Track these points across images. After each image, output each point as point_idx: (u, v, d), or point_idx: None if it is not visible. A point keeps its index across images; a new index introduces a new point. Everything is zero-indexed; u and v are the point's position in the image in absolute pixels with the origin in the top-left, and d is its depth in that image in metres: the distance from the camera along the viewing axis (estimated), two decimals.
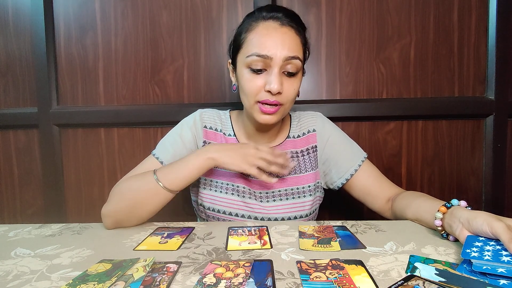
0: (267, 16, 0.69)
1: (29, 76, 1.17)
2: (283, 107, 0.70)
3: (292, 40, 0.68)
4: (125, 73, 1.16)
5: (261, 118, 0.70)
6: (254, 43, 0.67)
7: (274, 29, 0.67)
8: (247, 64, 0.68)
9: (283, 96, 0.68)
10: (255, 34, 0.68)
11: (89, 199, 1.20)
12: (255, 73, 0.68)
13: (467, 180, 1.14)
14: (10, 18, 1.17)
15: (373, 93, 1.12)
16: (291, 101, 0.72)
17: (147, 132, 1.16)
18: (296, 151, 0.81)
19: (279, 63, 0.66)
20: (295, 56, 0.67)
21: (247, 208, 0.76)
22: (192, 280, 0.44)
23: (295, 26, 0.69)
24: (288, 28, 0.68)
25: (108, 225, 0.68)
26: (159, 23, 1.13)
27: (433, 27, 1.10)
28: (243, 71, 0.70)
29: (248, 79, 0.69)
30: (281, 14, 0.69)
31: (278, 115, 0.71)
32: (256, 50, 0.66)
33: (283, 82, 0.68)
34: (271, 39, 0.66)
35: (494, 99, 1.09)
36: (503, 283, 0.40)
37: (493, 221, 0.47)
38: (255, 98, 0.69)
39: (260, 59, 0.66)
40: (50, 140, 1.17)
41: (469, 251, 0.46)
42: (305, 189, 0.79)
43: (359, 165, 0.80)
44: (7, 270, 0.49)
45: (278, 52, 0.66)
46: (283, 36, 0.67)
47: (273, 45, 0.66)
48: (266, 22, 0.68)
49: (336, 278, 0.43)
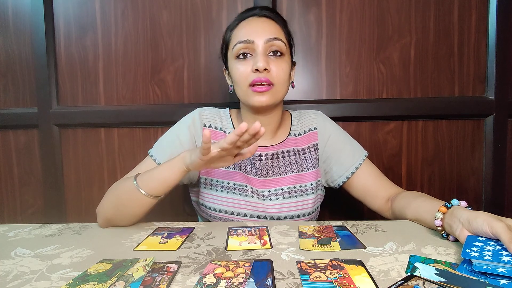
0: (248, 14, 0.76)
1: (29, 76, 1.17)
2: (275, 88, 0.72)
3: (271, 26, 0.74)
4: (125, 73, 1.16)
5: (255, 100, 0.72)
6: (238, 35, 0.74)
7: (252, 20, 0.75)
8: (234, 55, 0.74)
9: (272, 75, 0.72)
10: (238, 29, 0.75)
11: (89, 199, 1.20)
12: (242, 60, 0.73)
13: (467, 180, 1.14)
14: (10, 18, 1.17)
15: (373, 93, 1.12)
16: (282, 83, 0.74)
17: (147, 132, 1.16)
18: (297, 149, 0.82)
19: (262, 45, 0.72)
20: (276, 37, 0.72)
21: (249, 207, 0.76)
22: (192, 280, 0.44)
23: (273, 16, 0.77)
24: (266, 18, 0.76)
25: (100, 223, 0.70)
26: (159, 23, 1.13)
27: (433, 27, 1.10)
28: (232, 64, 0.75)
29: (236, 68, 0.73)
30: (258, 9, 0.77)
31: (271, 96, 0.72)
32: (238, 39, 0.73)
33: (269, 62, 0.72)
34: (251, 28, 0.73)
35: (494, 99, 1.09)
36: (503, 283, 0.40)
37: (493, 221, 0.47)
38: (246, 83, 0.72)
39: (244, 44, 0.72)
40: (50, 140, 1.17)
41: (469, 251, 0.46)
42: (307, 187, 0.79)
43: (360, 163, 0.80)
44: (7, 270, 0.49)
45: (258, 36, 0.72)
46: (263, 24, 0.74)
47: (253, 31, 0.73)
48: (246, 19, 0.76)
49: (336, 278, 0.43)
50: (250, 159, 0.79)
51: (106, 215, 0.68)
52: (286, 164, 0.80)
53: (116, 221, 0.69)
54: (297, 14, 1.11)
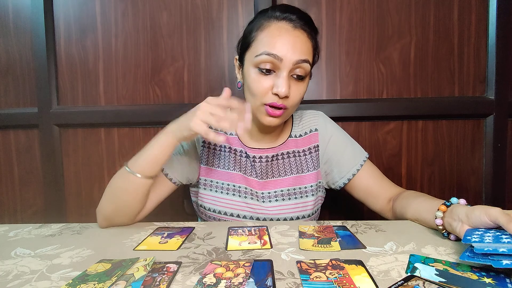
0: (281, 17, 0.67)
1: (29, 76, 1.18)
2: (287, 111, 0.70)
3: (303, 43, 0.67)
4: (125, 74, 1.16)
5: (266, 120, 0.69)
6: (265, 42, 0.66)
7: (286, 30, 0.66)
8: (255, 63, 0.67)
9: (289, 100, 0.67)
10: (266, 33, 0.67)
11: (89, 199, 1.20)
12: (263, 74, 0.67)
13: (467, 180, 1.14)
14: (10, 18, 1.17)
15: (373, 93, 1.12)
16: (296, 105, 0.71)
17: (147, 132, 1.16)
18: (298, 150, 0.82)
19: (289, 66, 0.65)
20: (306, 60, 0.66)
21: (248, 208, 0.76)
22: (192, 280, 0.44)
23: (307, 30, 0.68)
24: (300, 31, 0.67)
25: (100, 223, 0.69)
26: (159, 24, 1.13)
27: (433, 27, 1.10)
28: (250, 70, 0.68)
29: (255, 80, 0.67)
30: (295, 16, 0.67)
31: (282, 118, 0.70)
32: (266, 49, 0.65)
33: (291, 86, 0.67)
34: (283, 41, 0.65)
35: (494, 99, 1.09)
36: (506, 263, 0.40)
37: (490, 208, 0.49)
38: (261, 100, 0.68)
39: (270, 58, 0.65)
40: (50, 140, 1.17)
41: (470, 237, 0.46)
42: (307, 189, 0.79)
43: (361, 165, 0.79)
44: (7, 270, 0.49)
45: (289, 54, 0.64)
46: (295, 39, 0.66)
47: (284, 47, 0.65)
48: (279, 22, 0.67)
49: (336, 278, 0.43)
50: (250, 161, 0.78)
51: (104, 213, 0.68)
52: (286, 165, 0.80)
53: (115, 218, 0.68)
54: None
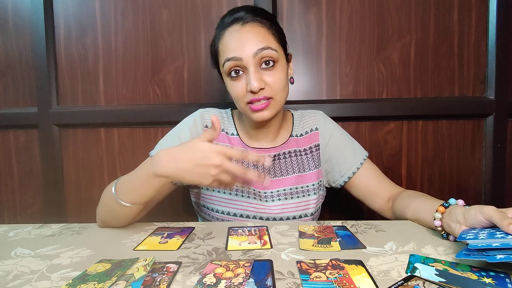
0: (229, 22, 0.69)
1: (29, 76, 1.17)
2: (274, 100, 0.70)
3: (257, 34, 0.68)
4: (125, 73, 1.15)
5: (254, 116, 0.70)
6: (224, 51, 0.69)
7: (236, 31, 0.68)
8: (225, 72, 0.70)
9: (269, 89, 0.68)
10: (222, 43, 0.70)
11: (89, 199, 1.20)
12: (234, 79, 0.70)
13: (467, 180, 1.14)
14: (10, 17, 1.17)
15: (373, 93, 1.12)
16: (281, 92, 0.70)
17: (147, 132, 1.16)
18: (299, 149, 0.82)
19: (251, 60, 0.67)
20: (265, 47, 0.67)
21: (251, 208, 0.76)
22: (192, 280, 0.44)
23: (258, 19, 0.69)
24: (251, 24, 0.68)
25: (98, 223, 0.70)
26: (159, 23, 1.13)
27: (433, 27, 1.10)
28: (226, 79, 0.72)
29: (231, 86, 0.71)
30: (242, 13, 0.69)
31: (271, 109, 0.70)
32: (226, 56, 0.68)
33: (263, 77, 0.68)
34: (235, 42, 0.68)
35: (494, 99, 1.09)
36: (500, 257, 0.41)
37: (484, 207, 0.50)
38: (243, 101, 0.70)
39: (231, 63, 0.68)
40: (50, 140, 1.17)
41: (465, 235, 0.48)
42: (309, 188, 0.79)
43: (361, 163, 0.80)
44: (7, 270, 0.49)
45: (245, 51, 0.66)
46: (247, 34, 0.67)
47: (238, 46, 0.67)
48: (229, 28, 0.69)
49: (336, 278, 0.43)
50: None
51: (100, 217, 0.69)
52: (288, 165, 0.80)
53: (111, 224, 0.69)
54: (297, 14, 1.11)
